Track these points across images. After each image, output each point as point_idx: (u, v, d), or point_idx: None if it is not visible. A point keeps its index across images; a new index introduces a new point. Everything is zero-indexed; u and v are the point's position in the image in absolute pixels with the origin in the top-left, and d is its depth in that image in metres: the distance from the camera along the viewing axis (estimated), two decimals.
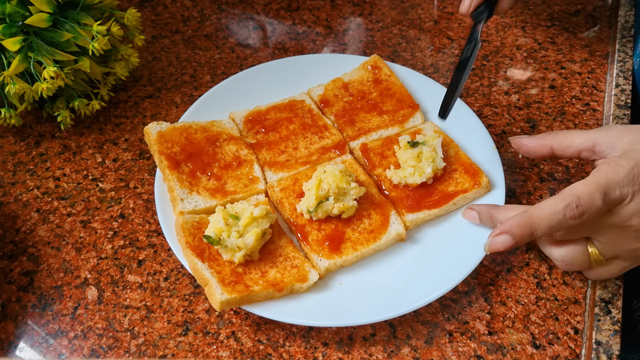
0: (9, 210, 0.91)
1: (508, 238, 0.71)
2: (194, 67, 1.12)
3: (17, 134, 1.01)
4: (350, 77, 1.03)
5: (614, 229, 0.73)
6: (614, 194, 0.70)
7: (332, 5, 1.25)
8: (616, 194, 0.70)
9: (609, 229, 0.73)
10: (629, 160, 0.71)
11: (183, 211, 0.83)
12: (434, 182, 0.89)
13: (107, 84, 1.02)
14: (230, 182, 0.88)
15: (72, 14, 0.92)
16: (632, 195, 0.70)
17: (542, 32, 1.19)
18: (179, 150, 0.89)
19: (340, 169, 0.84)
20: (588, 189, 0.69)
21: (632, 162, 0.70)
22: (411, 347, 0.77)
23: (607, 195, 0.69)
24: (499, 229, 0.72)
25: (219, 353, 0.77)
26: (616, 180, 0.69)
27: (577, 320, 0.80)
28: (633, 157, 0.71)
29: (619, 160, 0.71)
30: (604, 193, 0.69)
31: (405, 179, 0.87)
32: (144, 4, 1.25)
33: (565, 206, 0.69)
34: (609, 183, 0.70)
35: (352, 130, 0.96)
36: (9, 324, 0.79)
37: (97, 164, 0.97)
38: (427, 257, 0.83)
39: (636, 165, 0.70)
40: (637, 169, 0.70)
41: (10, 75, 0.88)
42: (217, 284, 0.75)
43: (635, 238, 0.73)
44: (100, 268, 0.85)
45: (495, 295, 0.82)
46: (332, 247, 0.82)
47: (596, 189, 0.69)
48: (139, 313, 0.80)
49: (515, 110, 1.05)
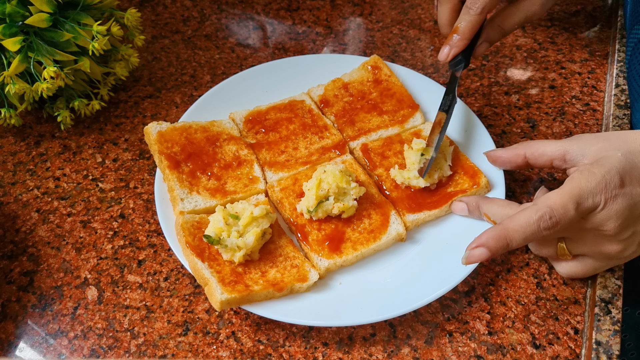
0: (9, 210, 0.91)
1: (484, 251, 0.73)
2: (194, 67, 1.12)
3: (17, 134, 1.01)
4: (350, 77, 1.03)
5: (586, 232, 0.74)
6: (587, 203, 0.71)
7: (332, 5, 1.25)
8: (589, 202, 0.71)
9: (582, 232, 0.75)
10: (601, 167, 0.71)
11: (183, 211, 0.83)
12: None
13: (107, 84, 1.02)
14: (230, 182, 0.88)
15: (72, 14, 0.92)
16: (604, 203, 0.71)
17: (542, 32, 1.19)
18: (179, 150, 0.89)
19: (340, 169, 0.84)
20: (561, 199, 0.70)
21: (604, 169, 0.71)
22: (411, 347, 0.77)
23: (580, 204, 0.70)
24: (476, 242, 0.74)
25: (219, 353, 0.77)
26: (589, 189, 0.70)
27: (577, 320, 0.80)
28: (604, 164, 0.72)
29: (591, 168, 0.72)
30: (576, 203, 0.70)
31: (409, 180, 0.87)
32: (144, 4, 1.25)
33: (539, 218, 0.70)
34: (581, 192, 0.70)
35: (352, 131, 0.96)
36: (9, 324, 0.79)
37: (97, 164, 0.97)
38: (427, 257, 0.83)
39: (608, 172, 0.71)
40: (608, 176, 0.71)
41: (10, 75, 0.88)
42: (217, 284, 0.75)
43: (608, 241, 0.74)
44: (100, 268, 0.85)
45: (495, 295, 0.82)
46: (332, 247, 0.82)
47: (569, 198, 0.70)
48: (139, 313, 0.80)
49: (515, 110, 1.05)
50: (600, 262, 0.78)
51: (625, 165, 0.72)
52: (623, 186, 0.71)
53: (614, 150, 0.73)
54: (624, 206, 0.70)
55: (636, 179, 0.72)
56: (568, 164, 0.79)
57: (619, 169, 0.71)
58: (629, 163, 0.72)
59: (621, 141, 0.75)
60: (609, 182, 0.70)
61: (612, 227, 0.71)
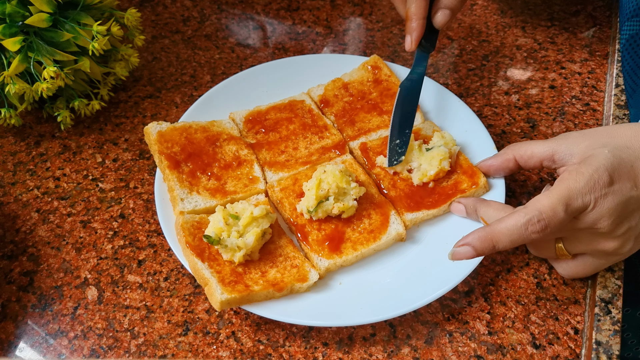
0: (9, 210, 0.91)
1: (469, 249, 0.73)
2: (194, 67, 1.12)
3: (17, 134, 1.01)
4: (350, 77, 1.03)
5: (580, 232, 0.74)
6: (576, 204, 0.70)
7: (332, 5, 1.25)
8: (578, 203, 0.70)
9: (577, 232, 0.74)
10: (588, 166, 0.71)
11: (183, 211, 0.83)
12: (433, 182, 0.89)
13: (107, 84, 1.02)
14: (230, 182, 0.88)
15: (72, 14, 0.92)
16: (594, 202, 0.70)
17: (542, 32, 1.19)
18: (179, 150, 0.89)
19: (340, 168, 0.84)
20: (550, 202, 0.70)
21: (592, 168, 0.71)
22: (411, 347, 0.77)
23: (569, 205, 0.70)
24: (462, 240, 0.74)
25: (219, 353, 0.77)
26: (577, 189, 0.70)
27: (577, 320, 0.80)
28: (592, 163, 0.72)
29: (579, 168, 0.72)
30: (566, 204, 0.70)
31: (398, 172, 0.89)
32: (144, 4, 1.25)
33: (527, 221, 0.70)
34: (570, 193, 0.70)
35: (352, 130, 0.96)
36: (9, 324, 0.79)
37: (97, 164, 0.97)
38: (427, 257, 0.83)
39: (595, 171, 0.71)
40: (596, 174, 0.70)
41: (10, 75, 0.88)
42: (217, 284, 0.75)
43: (604, 239, 0.74)
44: (100, 268, 0.85)
45: (495, 295, 0.82)
46: (332, 247, 0.82)
47: (558, 200, 0.70)
48: (139, 313, 0.80)
49: (515, 110, 1.05)
50: (601, 260, 0.78)
51: (613, 162, 0.71)
52: (612, 183, 0.70)
53: (600, 147, 0.73)
54: (615, 203, 0.70)
55: (625, 174, 0.71)
56: (557, 164, 0.79)
57: (607, 166, 0.71)
58: (616, 159, 0.72)
59: (607, 137, 0.74)
60: (598, 180, 0.70)
61: (605, 224, 0.71)
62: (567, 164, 0.77)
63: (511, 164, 0.84)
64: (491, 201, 0.83)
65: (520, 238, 0.71)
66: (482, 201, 0.84)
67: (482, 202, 0.83)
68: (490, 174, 0.88)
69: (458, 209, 0.86)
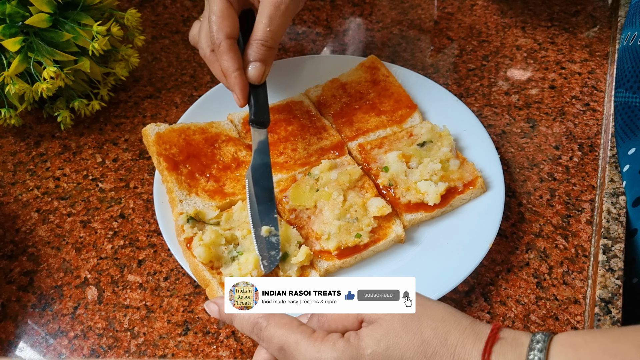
0: (9, 210, 0.91)
1: (215, 308, 0.66)
2: (194, 67, 1.13)
3: (17, 134, 1.02)
4: (348, 77, 1.03)
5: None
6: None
7: (332, 6, 1.25)
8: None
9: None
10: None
11: (182, 212, 0.83)
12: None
13: (107, 84, 1.02)
14: (229, 184, 0.88)
15: (72, 14, 0.93)
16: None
17: (542, 32, 1.19)
18: (178, 151, 0.89)
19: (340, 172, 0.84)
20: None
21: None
22: None
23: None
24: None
25: (219, 353, 0.77)
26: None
27: (577, 320, 0.80)
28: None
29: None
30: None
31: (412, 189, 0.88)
32: (144, 4, 1.25)
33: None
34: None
35: (350, 131, 0.96)
36: (9, 324, 0.79)
37: (97, 164, 0.98)
38: (426, 258, 0.83)
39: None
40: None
41: (10, 76, 0.88)
42: (218, 285, 0.75)
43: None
44: (100, 268, 0.85)
45: (495, 295, 0.82)
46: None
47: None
48: (139, 313, 0.80)
49: (515, 111, 1.05)
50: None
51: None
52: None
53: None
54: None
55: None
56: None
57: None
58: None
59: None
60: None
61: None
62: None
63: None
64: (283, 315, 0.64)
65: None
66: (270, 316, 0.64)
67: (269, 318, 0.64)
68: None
69: (210, 309, 0.67)
